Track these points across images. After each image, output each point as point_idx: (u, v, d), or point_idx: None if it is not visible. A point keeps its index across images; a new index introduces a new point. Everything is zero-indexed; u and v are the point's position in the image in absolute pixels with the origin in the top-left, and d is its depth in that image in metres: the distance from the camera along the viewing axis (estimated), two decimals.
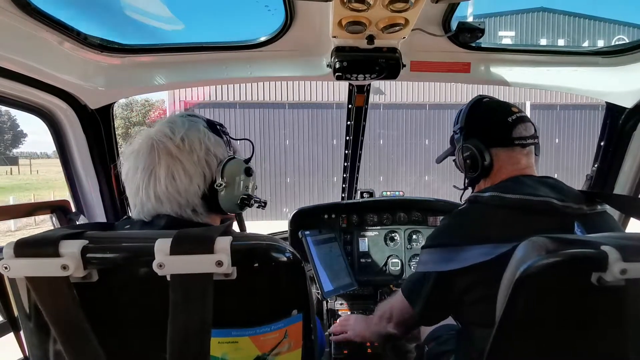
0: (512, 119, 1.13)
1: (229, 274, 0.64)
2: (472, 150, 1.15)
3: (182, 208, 0.86)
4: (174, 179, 0.84)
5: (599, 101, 1.81)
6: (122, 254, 0.67)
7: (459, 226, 1.08)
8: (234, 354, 0.71)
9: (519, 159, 1.13)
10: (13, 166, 37.10)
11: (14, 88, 1.20)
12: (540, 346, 0.78)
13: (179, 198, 0.85)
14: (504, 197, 1.00)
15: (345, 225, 2.12)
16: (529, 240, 0.76)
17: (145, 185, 0.84)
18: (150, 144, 0.86)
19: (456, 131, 1.22)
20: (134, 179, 0.86)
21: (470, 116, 1.19)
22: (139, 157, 0.86)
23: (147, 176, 0.84)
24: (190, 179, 0.85)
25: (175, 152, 0.85)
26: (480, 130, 1.16)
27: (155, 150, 0.85)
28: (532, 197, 0.98)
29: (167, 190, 0.84)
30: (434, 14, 1.25)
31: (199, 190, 0.87)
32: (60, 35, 1.16)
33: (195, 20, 71.10)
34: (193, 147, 0.87)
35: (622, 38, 12.13)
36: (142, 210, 0.86)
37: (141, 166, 0.85)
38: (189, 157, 0.85)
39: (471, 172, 1.17)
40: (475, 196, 1.08)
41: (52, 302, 0.65)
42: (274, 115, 11.53)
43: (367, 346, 1.77)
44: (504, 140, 1.13)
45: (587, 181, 1.77)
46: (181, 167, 0.84)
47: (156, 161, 0.84)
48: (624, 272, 0.65)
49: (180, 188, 0.84)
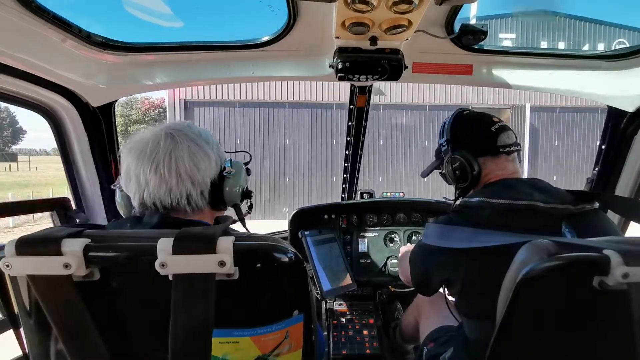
0: (495, 128, 1.17)
1: (231, 274, 0.64)
2: (460, 161, 1.17)
3: (195, 187, 0.88)
4: (196, 157, 0.88)
5: (598, 104, 1.81)
6: (124, 253, 0.67)
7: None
8: (235, 354, 0.71)
9: (505, 166, 1.18)
10: (12, 163, 37.02)
11: (17, 85, 1.20)
12: (541, 349, 0.79)
13: (197, 176, 0.88)
14: (491, 202, 1.04)
15: (345, 225, 2.12)
16: (530, 243, 0.76)
17: (166, 163, 0.85)
18: (168, 133, 0.89)
19: (443, 144, 1.26)
20: (140, 160, 0.86)
21: (455, 128, 1.23)
22: (150, 143, 0.87)
23: (168, 155, 0.86)
24: (210, 159, 0.91)
25: (194, 138, 0.91)
26: (466, 141, 1.20)
27: (174, 137, 0.88)
28: (517, 202, 1.01)
29: (188, 168, 0.87)
30: (437, 16, 1.25)
31: (212, 173, 0.92)
32: (62, 33, 1.16)
33: (198, 20, 71.18)
34: (208, 139, 0.95)
35: (623, 42, 12.14)
36: (155, 191, 0.86)
37: (160, 148, 0.86)
38: (206, 144, 0.92)
39: (461, 183, 1.20)
40: (465, 202, 1.12)
41: (54, 301, 0.65)
42: (274, 115, 11.51)
43: (366, 347, 1.78)
44: (489, 149, 1.17)
45: (588, 184, 1.77)
46: (200, 149, 0.90)
47: (176, 142, 0.88)
48: (625, 276, 0.65)
49: (201, 166, 0.89)
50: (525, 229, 0.94)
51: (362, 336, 1.83)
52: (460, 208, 1.12)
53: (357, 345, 1.78)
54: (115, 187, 1.02)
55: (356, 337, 1.82)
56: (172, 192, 0.86)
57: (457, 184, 1.21)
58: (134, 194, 0.88)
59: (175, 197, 0.86)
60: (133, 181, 0.87)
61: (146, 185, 0.86)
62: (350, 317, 1.95)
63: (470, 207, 1.09)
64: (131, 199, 0.90)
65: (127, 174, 0.89)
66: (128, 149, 0.89)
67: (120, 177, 0.92)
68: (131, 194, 0.89)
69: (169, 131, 0.89)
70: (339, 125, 11.33)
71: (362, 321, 1.92)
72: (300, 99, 11.40)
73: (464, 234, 1.02)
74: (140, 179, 0.86)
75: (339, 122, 11.31)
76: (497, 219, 1.02)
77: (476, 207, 1.07)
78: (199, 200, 0.89)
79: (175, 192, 0.86)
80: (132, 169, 0.87)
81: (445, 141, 1.23)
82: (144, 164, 0.85)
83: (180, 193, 0.86)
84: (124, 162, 0.90)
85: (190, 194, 0.88)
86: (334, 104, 11.43)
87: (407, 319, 1.80)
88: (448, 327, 1.42)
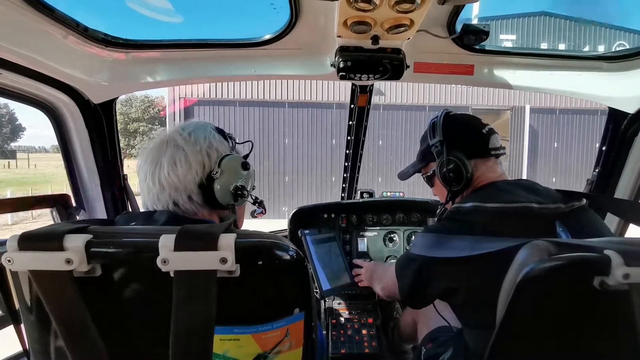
0: (486, 131, 1.18)
1: (233, 271, 0.64)
2: (456, 162, 1.14)
3: (179, 193, 0.91)
4: (175, 166, 0.91)
5: (597, 106, 1.82)
6: (126, 249, 0.67)
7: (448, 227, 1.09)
8: (235, 351, 0.71)
9: (495, 169, 1.18)
10: (11, 160, 36.95)
11: (18, 81, 1.20)
12: (541, 349, 0.79)
13: (178, 183, 0.91)
14: (485, 206, 1.02)
15: (344, 225, 2.12)
16: (531, 243, 0.76)
17: (151, 173, 0.92)
18: (163, 139, 0.95)
19: (436, 144, 1.20)
20: (142, 168, 0.95)
21: (448, 127, 1.20)
22: (151, 151, 0.95)
23: (154, 165, 0.92)
24: (190, 165, 0.92)
25: (181, 143, 0.93)
26: (459, 142, 1.17)
27: (164, 144, 0.94)
28: (512, 204, 1.00)
29: (168, 176, 0.91)
30: (439, 16, 1.25)
31: (197, 177, 0.93)
32: (64, 29, 1.15)
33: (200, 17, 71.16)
34: (197, 140, 0.95)
35: (623, 44, 12.16)
36: (148, 197, 0.94)
37: (150, 158, 0.94)
38: (192, 148, 0.93)
39: (454, 185, 1.17)
40: (457, 207, 1.08)
41: (55, 296, 0.65)
42: (274, 114, 11.51)
43: (364, 346, 1.78)
44: (481, 152, 1.17)
45: (588, 185, 1.77)
46: (183, 155, 0.92)
47: (163, 151, 0.93)
48: (626, 276, 0.65)
49: (180, 174, 0.91)
50: (523, 232, 0.92)
51: (361, 335, 1.83)
52: (453, 215, 1.08)
53: (355, 344, 1.78)
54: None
55: (355, 337, 1.82)
56: (160, 200, 0.92)
57: (450, 186, 1.18)
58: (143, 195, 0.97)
59: (162, 204, 0.92)
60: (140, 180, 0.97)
61: (144, 192, 0.95)
62: (349, 316, 1.95)
63: (464, 213, 1.05)
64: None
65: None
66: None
67: None
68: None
69: (165, 138, 0.95)
70: (338, 125, 11.32)
71: (361, 320, 1.92)
72: (300, 99, 11.40)
73: (465, 242, 0.98)
74: (143, 185, 0.95)
75: (338, 122, 11.31)
76: (493, 224, 1.00)
77: (470, 212, 1.04)
78: (187, 204, 0.93)
79: (161, 199, 0.92)
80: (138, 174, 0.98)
81: (439, 142, 1.19)
82: (140, 173, 0.96)
83: (166, 200, 0.92)
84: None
85: (176, 200, 0.92)
86: (333, 103, 11.43)
87: (405, 319, 1.80)
88: (446, 327, 1.43)
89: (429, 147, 1.24)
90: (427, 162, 1.31)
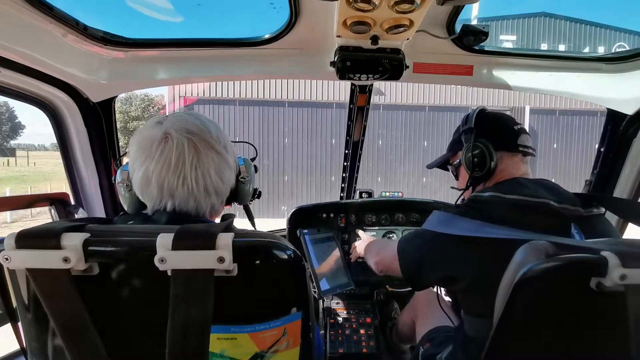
0: (517, 128, 1.20)
1: (230, 270, 0.64)
2: (482, 149, 1.17)
3: (219, 197, 0.90)
4: (221, 170, 0.88)
5: (597, 107, 1.82)
6: (124, 248, 0.67)
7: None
8: (232, 350, 0.71)
9: (520, 166, 1.19)
10: (10, 158, 36.93)
11: (17, 79, 1.20)
12: (538, 350, 0.79)
13: (222, 188, 0.90)
14: (504, 197, 1.03)
15: (343, 224, 2.12)
16: (528, 243, 0.76)
17: (192, 179, 0.83)
18: (189, 138, 0.83)
19: (465, 131, 1.24)
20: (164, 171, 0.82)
21: (480, 119, 1.22)
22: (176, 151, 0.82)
23: (194, 170, 0.83)
24: (231, 169, 0.92)
25: (215, 145, 0.87)
26: (489, 132, 1.19)
27: (197, 147, 0.83)
28: (531, 198, 1.01)
29: (215, 182, 0.86)
30: (439, 16, 1.25)
31: (233, 180, 0.94)
32: (63, 28, 1.15)
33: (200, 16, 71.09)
34: (224, 142, 0.91)
35: (623, 45, 12.18)
36: (167, 204, 0.84)
37: (185, 159, 0.82)
38: (224, 150, 0.89)
39: (477, 171, 1.19)
40: (475, 196, 1.11)
41: (52, 295, 0.65)
42: (274, 113, 11.52)
43: (362, 346, 1.78)
44: (509, 146, 1.18)
45: (586, 186, 1.78)
46: (224, 160, 0.89)
47: (202, 152, 0.84)
48: (623, 277, 0.65)
49: (225, 179, 0.90)
50: (537, 227, 0.94)
51: (359, 335, 1.83)
52: (470, 202, 1.10)
53: (353, 344, 1.79)
54: (119, 184, 0.98)
55: (353, 336, 1.82)
56: (199, 206, 0.86)
57: (472, 172, 1.20)
58: (154, 199, 0.85)
59: (202, 210, 0.87)
60: (154, 187, 0.83)
61: (170, 197, 0.84)
62: (347, 316, 1.95)
63: (481, 202, 1.07)
64: (145, 201, 0.88)
65: (145, 177, 0.83)
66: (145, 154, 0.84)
67: (131, 174, 0.88)
68: (147, 198, 0.86)
69: (187, 136, 0.83)
70: (338, 124, 11.33)
71: (359, 320, 1.92)
72: (299, 98, 11.41)
73: (471, 225, 1.00)
74: (164, 188, 0.83)
75: (338, 122, 11.32)
76: (509, 215, 1.00)
77: (488, 201, 1.06)
78: (219, 207, 0.93)
79: (202, 205, 0.87)
80: (153, 175, 0.83)
81: (469, 128, 1.22)
82: (169, 175, 0.82)
83: (206, 205, 0.88)
84: (137, 162, 0.85)
85: (213, 205, 0.89)
86: (333, 103, 11.43)
87: (403, 319, 1.80)
88: (444, 327, 1.43)
89: (459, 136, 1.27)
90: (455, 151, 1.33)
